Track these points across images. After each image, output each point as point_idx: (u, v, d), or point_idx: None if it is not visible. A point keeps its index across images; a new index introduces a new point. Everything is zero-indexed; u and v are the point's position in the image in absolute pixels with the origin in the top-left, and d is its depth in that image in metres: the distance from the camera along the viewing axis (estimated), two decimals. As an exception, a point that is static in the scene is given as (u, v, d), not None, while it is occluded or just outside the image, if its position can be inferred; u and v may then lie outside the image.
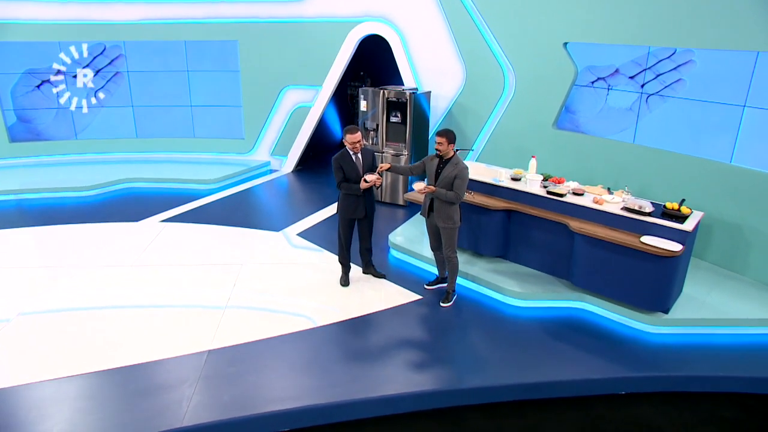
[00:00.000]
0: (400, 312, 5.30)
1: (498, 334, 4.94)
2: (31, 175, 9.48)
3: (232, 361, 4.45)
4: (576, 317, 5.23)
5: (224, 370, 4.33)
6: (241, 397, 4.01)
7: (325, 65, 9.44)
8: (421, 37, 8.48)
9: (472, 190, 6.00)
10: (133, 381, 4.19)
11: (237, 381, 4.20)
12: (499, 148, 7.93)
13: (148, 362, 4.41)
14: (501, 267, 5.92)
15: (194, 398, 3.97)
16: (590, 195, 5.44)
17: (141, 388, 4.09)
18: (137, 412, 3.84)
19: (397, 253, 6.56)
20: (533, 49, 7.26)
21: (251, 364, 4.42)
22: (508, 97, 7.76)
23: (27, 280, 5.78)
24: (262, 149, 10.52)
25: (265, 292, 5.61)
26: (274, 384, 4.20)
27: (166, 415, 3.78)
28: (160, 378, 4.23)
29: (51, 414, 3.81)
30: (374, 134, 8.26)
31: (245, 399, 3.99)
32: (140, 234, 7.13)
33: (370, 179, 5.27)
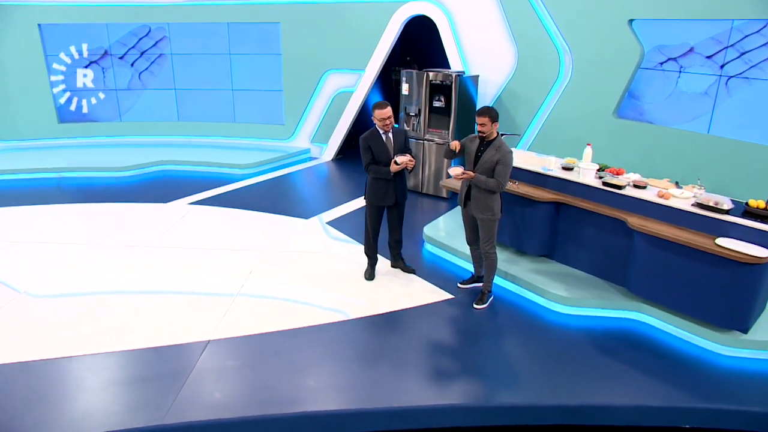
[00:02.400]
0: (427, 312, 4.72)
1: (538, 344, 4.27)
2: (75, 154, 9.53)
3: (233, 354, 4.01)
4: (631, 330, 4.48)
5: (222, 363, 3.90)
6: (234, 396, 3.56)
7: (369, 48, 8.95)
8: (469, 18, 7.84)
9: (516, 180, 5.34)
10: (122, 368, 3.83)
11: (234, 376, 3.76)
12: (552, 138, 7.19)
13: (142, 349, 4.04)
14: (546, 267, 5.23)
15: (182, 392, 3.55)
16: (654, 188, 4.68)
17: (127, 377, 3.72)
18: (116, 403, 3.46)
19: (432, 248, 5.98)
20: (594, 27, 6.49)
21: (253, 359, 3.97)
22: (564, 82, 7.01)
23: (40, 256, 5.62)
24: (302, 136, 10.16)
25: (282, 282, 5.17)
26: (275, 383, 3.72)
27: (146, 411, 3.36)
28: (151, 367, 3.84)
29: (15, 396, 3.48)
30: (416, 120, 7.69)
31: (238, 398, 3.54)
32: (165, 215, 6.88)
33: (402, 161, 4.71)
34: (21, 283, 5.00)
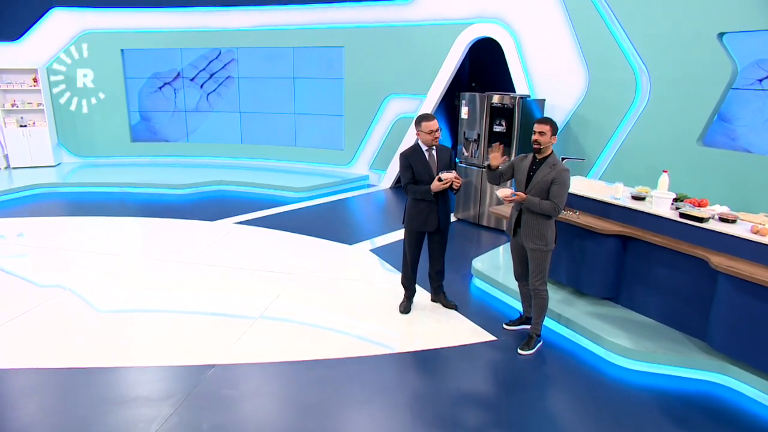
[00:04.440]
0: (465, 353, 4.12)
1: (592, 402, 3.55)
2: (141, 172, 9.82)
3: (236, 382, 3.61)
4: (711, 395, 3.63)
5: (221, 390, 3.51)
6: (223, 428, 3.14)
7: (432, 73, 8.62)
8: (537, 39, 7.32)
9: (577, 209, 4.69)
10: (116, 385, 3.53)
11: (229, 407, 3.34)
12: (626, 169, 6.42)
13: (143, 367, 3.76)
14: (608, 311, 4.47)
15: (171, 419, 3.18)
16: (746, 223, 3.87)
17: (119, 396, 3.41)
18: (95, 422, 3.13)
19: (481, 283, 5.37)
20: (676, 43, 5.79)
21: (256, 388, 3.56)
22: (640, 106, 6.28)
23: (76, 262, 5.65)
24: (361, 162, 9.91)
25: (308, 308, 4.76)
26: (270, 419, 3.28)
27: (125, 436, 3.02)
28: (146, 387, 3.53)
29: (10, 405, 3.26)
30: (475, 145, 7.18)
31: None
32: (209, 233, 6.76)
33: (446, 177, 4.19)
34: (45, 289, 4.95)
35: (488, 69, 9.52)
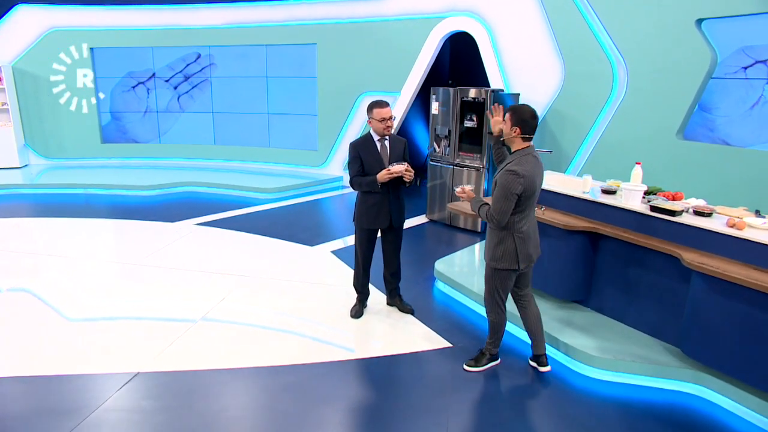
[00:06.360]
0: (413, 361, 3.73)
1: (552, 414, 3.16)
2: (110, 174, 9.45)
3: (156, 392, 3.23)
4: (685, 407, 3.25)
5: (137, 402, 3.12)
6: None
7: (406, 69, 8.29)
8: (512, 32, 7.00)
9: (543, 205, 4.33)
10: (21, 397, 3.15)
11: (142, 421, 2.95)
12: (604, 165, 6.07)
13: (55, 376, 3.37)
14: (575, 316, 4.10)
15: (68, 437, 2.79)
16: (723, 217, 3.51)
17: (23, 408, 3.04)
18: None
19: (444, 286, 5.00)
20: (652, 32, 5.47)
21: (176, 400, 3.16)
22: (618, 99, 5.94)
23: (21, 263, 5.30)
24: (335, 163, 9.55)
25: (253, 311, 4.38)
26: (186, 437, 2.89)
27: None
28: (54, 399, 3.13)
29: None
30: (446, 141, 6.83)
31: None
32: (165, 234, 6.38)
33: (396, 169, 3.84)
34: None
35: (468, 66, 9.19)
